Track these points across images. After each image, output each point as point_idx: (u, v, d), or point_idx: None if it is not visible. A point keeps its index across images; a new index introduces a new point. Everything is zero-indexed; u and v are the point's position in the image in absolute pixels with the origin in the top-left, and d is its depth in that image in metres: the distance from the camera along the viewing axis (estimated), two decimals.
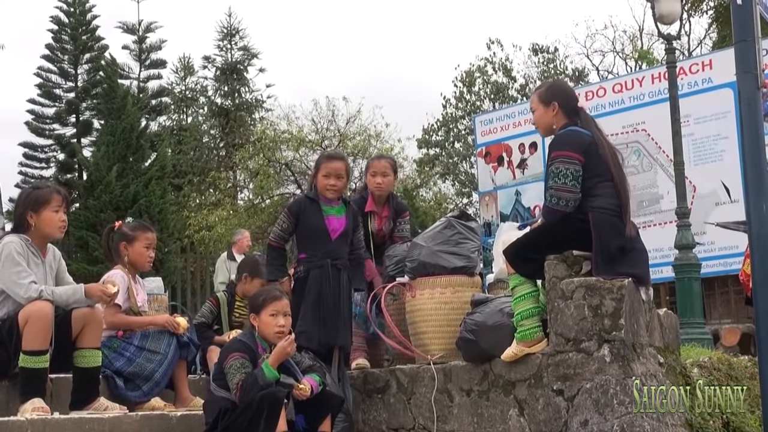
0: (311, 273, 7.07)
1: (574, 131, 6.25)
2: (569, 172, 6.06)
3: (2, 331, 6.10)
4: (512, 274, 6.30)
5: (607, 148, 6.24)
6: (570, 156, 6.10)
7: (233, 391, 5.96)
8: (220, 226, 28.62)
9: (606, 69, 39.43)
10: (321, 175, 7.30)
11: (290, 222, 7.26)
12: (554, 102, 6.39)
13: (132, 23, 38.86)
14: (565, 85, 6.73)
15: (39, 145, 37.02)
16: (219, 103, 38.38)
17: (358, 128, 31.58)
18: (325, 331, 6.96)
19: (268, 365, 6.00)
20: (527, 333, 6.14)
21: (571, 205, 6.04)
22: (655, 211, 15.98)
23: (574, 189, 6.04)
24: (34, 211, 6.41)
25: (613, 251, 5.98)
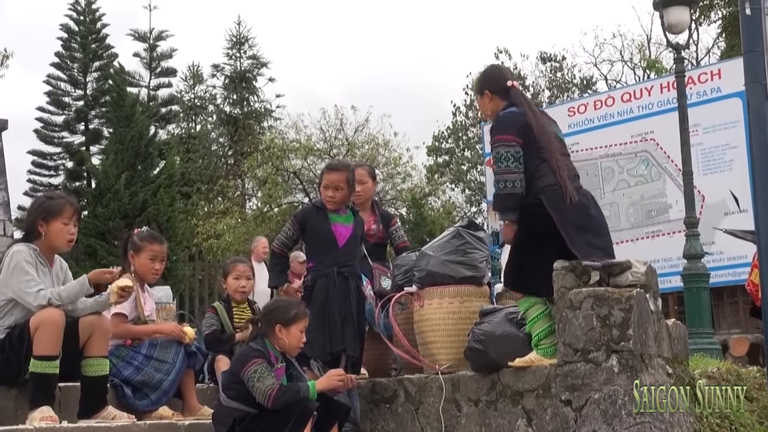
0: (318, 282, 7.08)
1: (508, 114, 6.34)
2: (510, 155, 6.15)
3: (12, 337, 6.12)
4: (520, 299, 6.32)
5: (536, 126, 6.27)
6: (507, 139, 6.18)
7: (265, 394, 5.89)
8: (229, 234, 28.67)
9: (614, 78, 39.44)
10: (321, 187, 7.34)
11: (295, 229, 7.28)
12: (485, 90, 6.54)
13: (143, 31, 39.05)
14: (490, 70, 6.79)
15: (48, 153, 37.17)
16: (228, 111, 38.49)
17: (367, 137, 31.62)
18: (330, 339, 6.95)
19: (314, 387, 6.05)
20: (548, 351, 6.18)
21: (518, 185, 6.13)
22: (663, 221, 15.98)
23: (517, 170, 6.13)
24: (45, 221, 6.42)
25: (577, 224, 6.08)
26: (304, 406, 5.90)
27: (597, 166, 17.06)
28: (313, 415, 5.94)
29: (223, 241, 28.53)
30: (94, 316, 6.38)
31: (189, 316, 19.50)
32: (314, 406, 5.95)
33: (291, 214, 28.86)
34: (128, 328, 7.02)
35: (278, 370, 6.18)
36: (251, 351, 6.16)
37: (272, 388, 5.88)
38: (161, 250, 7.31)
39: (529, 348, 6.29)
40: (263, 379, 5.93)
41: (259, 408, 5.96)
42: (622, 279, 6.01)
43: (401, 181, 32.53)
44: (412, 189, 32.72)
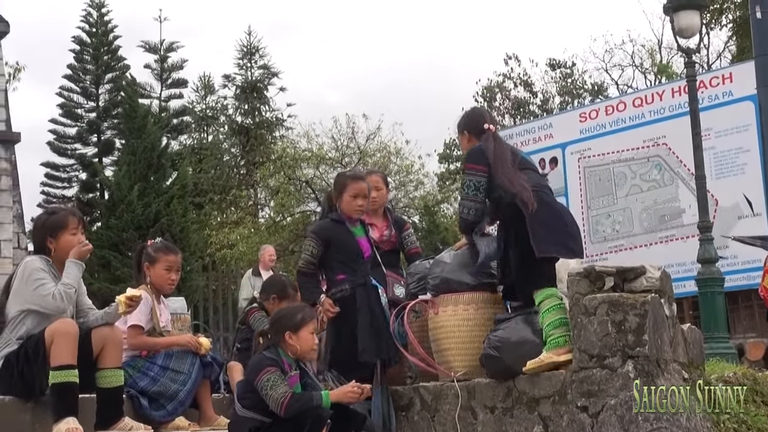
0: (357, 291, 7.18)
1: (477, 147, 6.87)
2: (472, 183, 6.71)
3: (27, 349, 6.13)
4: (536, 292, 6.43)
5: (495, 149, 6.78)
6: (474, 168, 6.74)
7: (277, 402, 5.91)
8: (242, 244, 28.69)
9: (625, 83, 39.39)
10: (348, 197, 7.39)
11: (320, 248, 7.29)
12: (464, 130, 7.10)
13: (154, 43, 39.14)
14: (472, 113, 7.43)
15: (61, 164, 37.24)
16: (239, 121, 38.55)
17: (378, 145, 31.61)
18: (381, 345, 7.09)
19: (328, 396, 6.06)
20: (557, 341, 6.22)
21: (472, 213, 6.74)
22: (677, 225, 15.95)
23: (476, 198, 6.70)
24: (53, 237, 6.44)
25: (548, 224, 6.47)
26: (318, 414, 5.91)
27: (609, 172, 17.05)
28: (327, 424, 5.95)
29: (237, 251, 28.55)
30: (107, 327, 6.40)
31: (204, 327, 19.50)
32: (327, 414, 5.96)
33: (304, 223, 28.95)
34: (145, 339, 7.03)
35: (292, 378, 6.19)
36: (264, 360, 6.18)
37: (285, 396, 5.90)
38: (176, 260, 7.33)
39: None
40: (276, 387, 5.95)
41: (273, 417, 5.97)
42: (636, 284, 6.01)
43: (413, 189, 32.54)
44: (425, 196, 32.71)
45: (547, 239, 6.43)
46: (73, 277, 6.30)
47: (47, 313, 6.19)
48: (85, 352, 6.20)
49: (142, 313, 6.90)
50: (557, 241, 6.50)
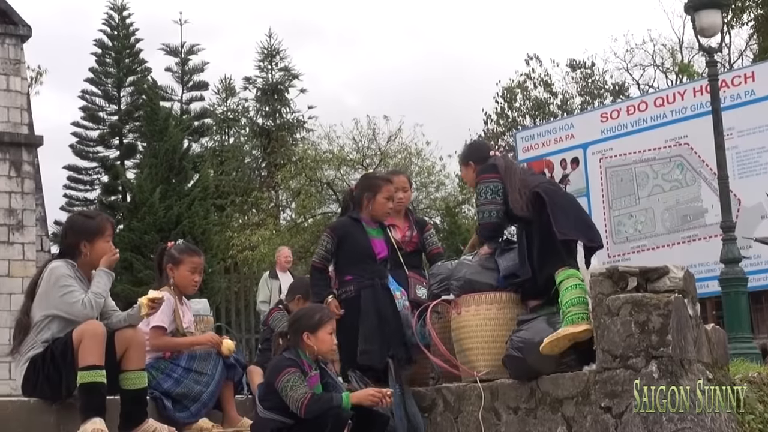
0: (363, 293, 7.15)
1: (487, 163, 7.12)
2: (488, 188, 6.93)
3: (54, 352, 6.15)
4: (558, 273, 6.53)
5: (505, 161, 7.11)
6: (488, 176, 6.98)
7: (297, 402, 5.92)
8: (263, 245, 28.73)
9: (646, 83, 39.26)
10: (382, 198, 7.45)
11: (334, 242, 7.29)
12: (470, 161, 7.30)
13: (175, 46, 39.26)
14: (476, 144, 8.01)
15: (83, 167, 37.43)
16: (260, 123, 38.62)
17: (399, 146, 31.61)
18: (387, 346, 7.07)
19: (349, 398, 6.05)
20: (573, 317, 6.28)
21: (494, 215, 6.91)
22: (699, 225, 15.89)
23: (495, 200, 6.89)
24: (89, 241, 6.46)
25: (566, 208, 6.68)
26: (338, 415, 5.92)
27: (631, 172, 17.00)
28: (348, 424, 5.96)
29: (258, 253, 28.60)
30: (130, 329, 6.41)
31: (227, 328, 19.56)
32: (348, 415, 5.97)
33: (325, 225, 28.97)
34: (167, 340, 7.05)
35: (312, 378, 6.21)
36: (284, 361, 6.20)
37: (305, 397, 5.91)
38: (200, 262, 7.36)
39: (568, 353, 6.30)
40: (296, 387, 5.96)
41: (295, 418, 5.99)
42: (659, 284, 5.99)
43: (435, 190, 32.54)
44: (446, 197, 32.70)
45: (567, 224, 6.58)
46: (104, 287, 6.34)
47: (73, 319, 6.23)
48: (109, 354, 6.22)
49: (164, 314, 6.91)
50: (577, 227, 6.67)
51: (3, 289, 18.52)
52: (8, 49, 19.94)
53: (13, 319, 15.93)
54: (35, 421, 6.22)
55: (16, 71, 20.01)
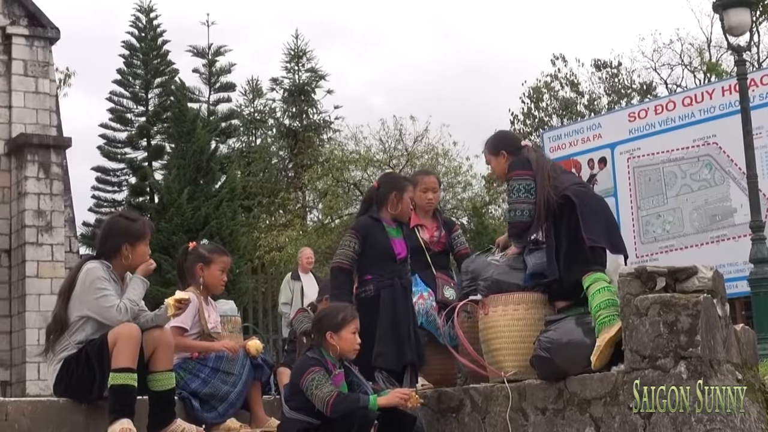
0: (382, 293, 7.13)
1: (519, 156, 7.07)
2: (521, 186, 6.84)
3: (89, 353, 6.19)
4: (585, 277, 6.53)
5: (537, 157, 7.05)
6: (521, 173, 6.90)
7: (323, 401, 5.93)
8: (290, 246, 28.76)
9: (674, 82, 39.07)
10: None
11: (359, 243, 7.24)
12: (502, 151, 7.22)
13: (202, 47, 39.36)
14: (506, 133, 7.95)
15: (111, 168, 37.57)
16: (287, 124, 38.67)
17: (426, 147, 31.59)
18: (402, 350, 7.04)
19: (376, 400, 6.04)
20: (605, 320, 6.27)
21: (527, 214, 6.82)
22: (728, 225, 15.78)
23: (528, 199, 6.81)
24: (131, 244, 6.49)
25: (597, 211, 6.70)
26: (365, 415, 5.93)
27: (659, 171, 16.92)
28: (374, 425, 5.97)
29: (285, 254, 28.65)
30: (157, 330, 6.44)
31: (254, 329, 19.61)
32: (374, 416, 5.98)
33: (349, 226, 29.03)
34: (183, 341, 7.05)
35: (336, 376, 6.22)
36: (308, 360, 6.22)
37: (330, 395, 5.92)
38: (229, 262, 7.43)
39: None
40: (321, 386, 5.98)
41: (321, 418, 6.00)
42: (688, 284, 5.96)
43: (461, 191, 32.50)
44: (473, 198, 32.65)
45: (596, 229, 6.59)
46: (139, 294, 6.38)
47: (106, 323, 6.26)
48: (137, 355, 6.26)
49: (187, 315, 6.93)
50: (604, 232, 6.67)
51: (32, 290, 18.64)
52: (37, 51, 20.08)
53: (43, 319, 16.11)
54: (65, 421, 6.27)
55: (45, 73, 20.15)
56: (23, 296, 18.66)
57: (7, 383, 18.75)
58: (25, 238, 18.89)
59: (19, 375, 18.55)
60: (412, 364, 7.13)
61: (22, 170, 19.21)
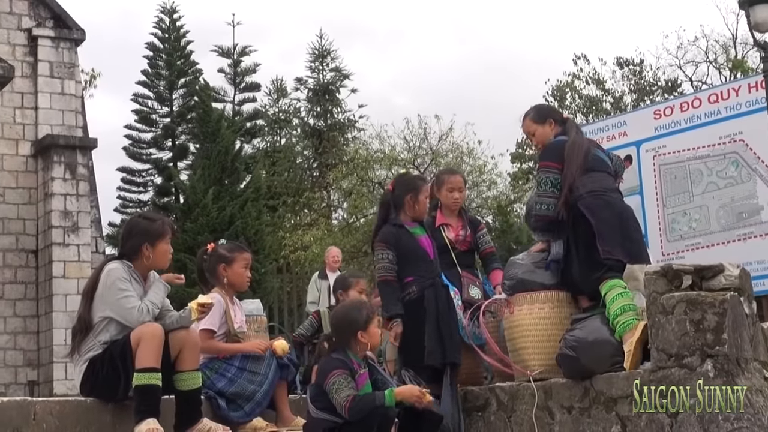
0: (426, 293, 7.17)
1: (555, 141, 7.16)
2: (548, 180, 6.96)
3: (113, 353, 6.22)
4: (602, 284, 6.55)
5: (572, 145, 7.02)
6: (549, 165, 7.01)
7: (341, 405, 5.96)
8: (315, 246, 28.79)
9: (699, 79, 38.88)
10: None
11: (392, 252, 7.26)
12: (549, 119, 7.32)
13: (227, 47, 39.42)
14: (548, 105, 7.75)
15: (136, 169, 37.68)
16: (312, 124, 38.67)
17: (450, 145, 31.55)
18: (447, 349, 7.07)
19: (392, 394, 6.02)
20: (625, 325, 6.30)
21: (552, 208, 6.91)
22: (755, 223, 15.67)
23: (553, 194, 6.91)
24: (151, 243, 6.52)
25: (612, 225, 6.69)
26: (384, 414, 5.94)
27: (685, 169, 16.81)
28: (395, 422, 5.97)
29: (310, 253, 28.67)
30: (183, 330, 6.46)
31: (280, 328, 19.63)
32: (394, 413, 5.98)
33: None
34: (214, 344, 7.07)
35: (361, 376, 6.22)
36: (332, 362, 6.22)
37: (347, 399, 5.94)
38: (250, 258, 7.46)
39: (622, 353, 6.28)
40: (340, 390, 6.00)
41: (344, 418, 6.02)
42: (714, 282, 5.94)
43: (486, 189, 32.46)
44: (498, 196, 32.61)
45: (612, 240, 6.61)
46: (160, 298, 6.42)
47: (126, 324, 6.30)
48: (164, 355, 6.27)
49: (214, 317, 6.95)
50: (620, 244, 6.65)
51: (58, 290, 18.74)
52: (63, 53, 20.17)
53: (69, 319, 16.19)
54: (92, 420, 6.30)
55: (71, 75, 20.25)
56: (50, 296, 18.76)
57: (34, 383, 18.84)
58: (51, 238, 18.98)
59: (46, 375, 18.65)
60: (452, 363, 7.13)
61: (48, 171, 19.31)
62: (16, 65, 19.02)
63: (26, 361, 18.98)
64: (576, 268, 6.73)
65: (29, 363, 18.99)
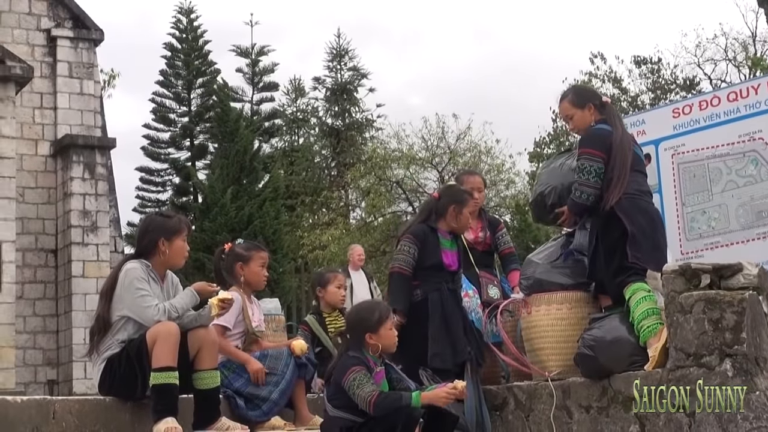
0: (430, 296, 7.16)
1: (599, 129, 6.89)
2: (593, 169, 6.71)
3: (130, 352, 6.25)
4: (626, 288, 6.46)
5: (618, 145, 6.78)
6: (594, 154, 6.74)
7: (365, 400, 5.93)
8: (334, 245, 28.83)
9: (719, 78, 38.71)
10: (468, 210, 7.50)
11: (417, 249, 7.25)
12: (589, 103, 7.02)
13: (245, 47, 39.51)
14: (587, 87, 7.43)
15: (155, 169, 37.83)
16: (330, 123, 38.71)
17: (468, 144, 31.53)
18: (455, 350, 7.05)
19: (419, 396, 6.01)
20: (649, 330, 6.24)
21: (591, 199, 6.70)
22: None
23: (596, 185, 6.68)
24: (167, 239, 6.55)
25: (645, 230, 6.56)
26: (409, 414, 5.91)
27: (704, 168, 16.73)
28: (419, 423, 5.96)
29: (329, 252, 28.71)
30: (202, 329, 6.47)
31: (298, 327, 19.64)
32: (419, 414, 5.96)
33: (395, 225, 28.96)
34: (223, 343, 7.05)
35: (377, 374, 6.22)
36: (350, 360, 6.20)
37: (372, 395, 5.92)
38: (267, 256, 7.46)
39: (640, 352, 6.26)
40: (363, 386, 5.97)
41: (364, 417, 6.00)
42: (733, 281, 5.92)
43: (504, 188, 32.43)
44: (516, 196, 32.57)
45: (643, 248, 6.50)
46: (184, 305, 6.41)
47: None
48: (182, 354, 6.29)
49: (230, 314, 6.96)
50: (650, 252, 6.56)
51: (77, 290, 18.81)
52: (81, 53, 20.25)
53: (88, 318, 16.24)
54: (111, 419, 6.32)
55: (89, 75, 20.31)
56: (69, 296, 18.84)
57: (54, 382, 18.92)
58: (70, 238, 19.05)
59: (65, 374, 18.73)
60: (470, 360, 7.12)
61: (67, 171, 19.38)
62: (35, 65, 19.09)
63: (46, 360, 19.06)
64: (602, 266, 6.68)
65: (49, 362, 19.07)
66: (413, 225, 7.58)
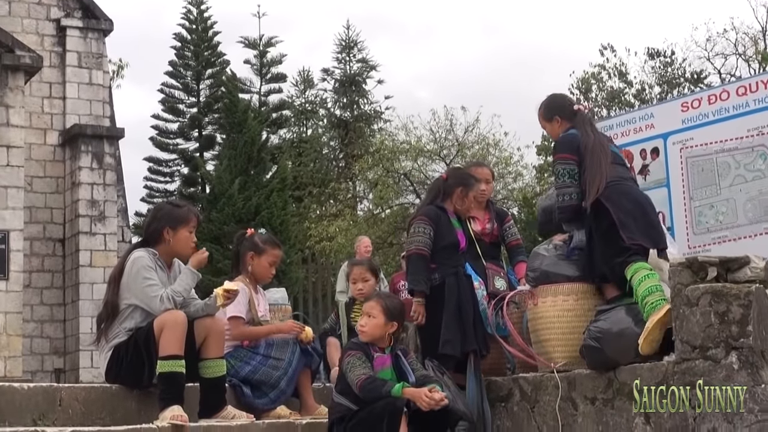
0: (447, 280, 7.16)
1: (567, 135, 7.05)
2: (566, 171, 6.88)
3: (138, 340, 6.27)
4: (627, 269, 6.49)
5: (589, 146, 6.88)
6: (565, 157, 6.93)
7: (353, 382, 6.02)
8: (341, 236, 28.86)
9: (728, 72, 38.63)
10: (474, 194, 7.58)
11: (433, 229, 7.25)
12: (555, 116, 7.19)
13: (253, 38, 39.50)
14: (557, 97, 7.50)
15: (163, 159, 37.84)
16: (338, 115, 38.73)
17: (477, 137, 31.51)
18: (466, 338, 7.06)
19: (401, 388, 6.02)
20: (653, 306, 6.23)
21: (575, 197, 6.85)
22: None
23: (572, 184, 6.84)
24: (172, 228, 6.57)
25: (627, 209, 6.61)
26: (393, 404, 5.95)
27: (713, 162, 16.70)
28: (404, 414, 5.96)
29: (336, 244, 28.73)
30: (208, 318, 6.50)
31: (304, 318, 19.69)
32: (402, 403, 5.97)
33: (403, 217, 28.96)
34: (247, 330, 7.12)
35: (377, 360, 6.24)
36: (349, 344, 6.41)
37: (359, 378, 6.01)
38: (280, 256, 7.48)
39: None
40: (354, 369, 6.09)
41: (357, 405, 6.05)
42: (740, 274, 5.91)
43: (512, 181, 32.41)
44: (523, 188, 32.54)
45: (633, 228, 6.56)
46: (185, 286, 6.44)
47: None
48: (189, 343, 6.32)
49: (241, 304, 7.00)
50: (643, 230, 6.61)
51: (85, 279, 18.84)
52: (90, 43, 20.26)
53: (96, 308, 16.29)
54: (117, 407, 6.35)
55: (99, 65, 20.33)
56: (77, 285, 18.87)
57: (61, 371, 18.97)
58: (78, 227, 19.08)
59: (72, 362, 18.78)
60: (474, 351, 7.13)
61: (76, 160, 19.40)
62: (44, 55, 19.10)
63: (53, 349, 19.11)
64: (599, 255, 6.70)
65: (56, 351, 19.12)
66: (422, 207, 7.62)
